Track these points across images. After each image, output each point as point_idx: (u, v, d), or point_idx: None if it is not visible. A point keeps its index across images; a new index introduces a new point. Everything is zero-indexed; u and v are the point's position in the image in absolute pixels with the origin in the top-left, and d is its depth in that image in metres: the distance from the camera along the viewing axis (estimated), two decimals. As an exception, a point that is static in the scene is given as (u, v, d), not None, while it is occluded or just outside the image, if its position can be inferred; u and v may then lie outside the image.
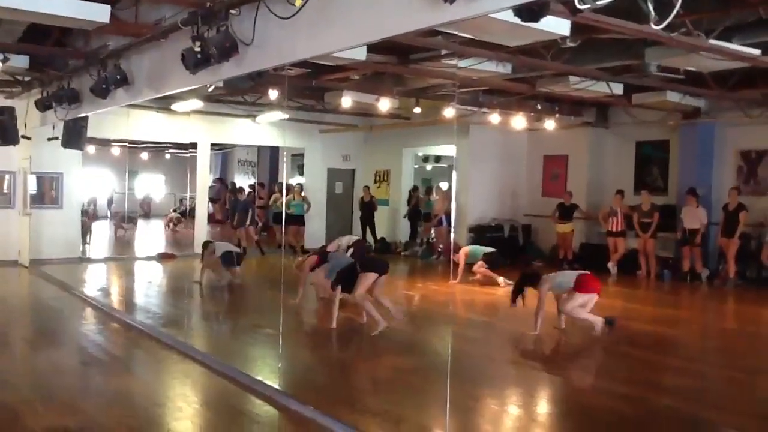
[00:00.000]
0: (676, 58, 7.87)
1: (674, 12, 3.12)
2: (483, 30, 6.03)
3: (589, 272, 8.10)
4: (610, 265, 13.17)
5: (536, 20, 3.87)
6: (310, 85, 10.96)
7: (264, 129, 15.82)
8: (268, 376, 6.03)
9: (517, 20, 4.88)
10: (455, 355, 7.19)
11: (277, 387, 5.65)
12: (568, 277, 7.96)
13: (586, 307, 7.77)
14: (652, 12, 3.11)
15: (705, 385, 6.43)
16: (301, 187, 15.06)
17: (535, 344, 7.85)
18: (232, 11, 5.74)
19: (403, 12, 4.35)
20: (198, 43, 5.82)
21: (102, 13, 6.43)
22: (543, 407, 5.83)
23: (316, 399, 5.26)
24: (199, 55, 5.92)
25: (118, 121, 13.09)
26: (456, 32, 6.34)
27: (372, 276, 7.72)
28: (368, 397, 5.72)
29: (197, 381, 6.18)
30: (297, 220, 14.36)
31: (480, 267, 11.59)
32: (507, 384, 6.37)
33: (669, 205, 13.07)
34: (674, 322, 9.46)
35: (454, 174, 16.20)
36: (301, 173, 19.93)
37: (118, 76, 7.93)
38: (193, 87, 7.34)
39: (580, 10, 3.20)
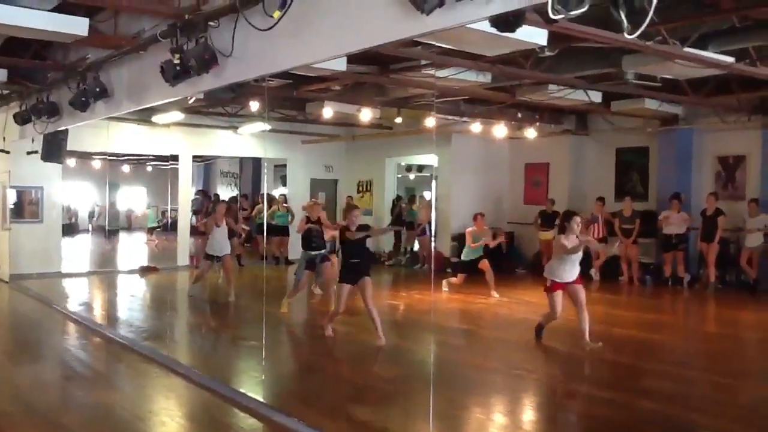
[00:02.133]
0: (653, 66, 7.97)
1: (646, 22, 3.17)
2: (461, 40, 6.08)
3: None
4: (592, 271, 13.26)
5: (512, 30, 3.92)
6: (291, 96, 10.97)
7: (246, 140, 15.80)
8: (252, 388, 6.01)
9: (494, 30, 4.98)
10: (441, 363, 7.21)
11: (260, 399, 5.63)
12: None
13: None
14: (625, 21, 3.15)
15: (688, 388, 6.47)
16: (284, 197, 15.03)
17: (518, 351, 7.88)
18: (210, 23, 5.75)
19: (380, 23, 4.38)
20: (177, 55, 5.82)
21: (80, 26, 6.41)
22: (527, 414, 5.84)
23: (299, 410, 5.25)
24: (178, 67, 5.92)
25: (99, 133, 13.01)
26: (435, 42, 6.39)
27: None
28: (352, 407, 5.69)
29: (180, 394, 6.14)
30: (281, 231, 14.31)
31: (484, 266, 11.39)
32: (491, 391, 6.38)
33: (649, 210, 13.19)
34: (657, 326, 9.53)
35: (433, 183, 16.23)
36: (284, 184, 19.89)
37: (98, 89, 7.90)
38: (173, 99, 7.33)
39: (555, 20, 3.25)
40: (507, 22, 3.87)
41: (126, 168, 21.63)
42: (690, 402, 5.98)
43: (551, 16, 3.03)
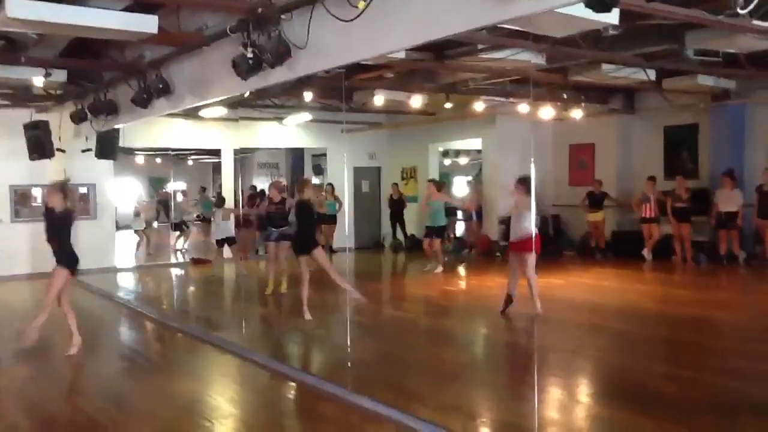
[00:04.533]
0: (717, 41, 7.84)
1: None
2: (531, 22, 6.02)
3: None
4: (644, 251, 13.17)
5: (608, 10, 3.87)
6: (340, 85, 10.97)
7: (288, 131, 15.88)
8: (337, 376, 6.00)
9: (566, 11, 4.97)
10: (513, 346, 7.24)
11: (347, 386, 5.64)
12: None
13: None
14: (741, -4, 3.10)
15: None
16: (332, 187, 15.11)
17: (586, 333, 7.87)
18: (282, 16, 5.78)
19: (465, 9, 4.35)
20: (251, 49, 5.86)
21: (150, 24, 6.47)
22: (610, 394, 5.79)
23: (385, 395, 5.29)
24: (251, 61, 5.96)
25: (149, 129, 13.22)
26: (506, 26, 6.33)
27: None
28: (436, 390, 5.72)
29: (262, 383, 6.22)
30: (329, 219, 14.45)
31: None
32: (566, 373, 6.33)
33: (701, 188, 13.01)
34: (720, 305, 9.41)
35: (483, 166, 16.12)
36: (318, 173, 19.96)
37: (161, 86, 8.00)
38: (240, 93, 7.39)
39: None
40: (603, 2, 3.82)
41: (169, 162, 21.83)
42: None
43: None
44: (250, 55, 5.90)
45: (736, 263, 12.14)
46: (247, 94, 10.12)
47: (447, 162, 23.15)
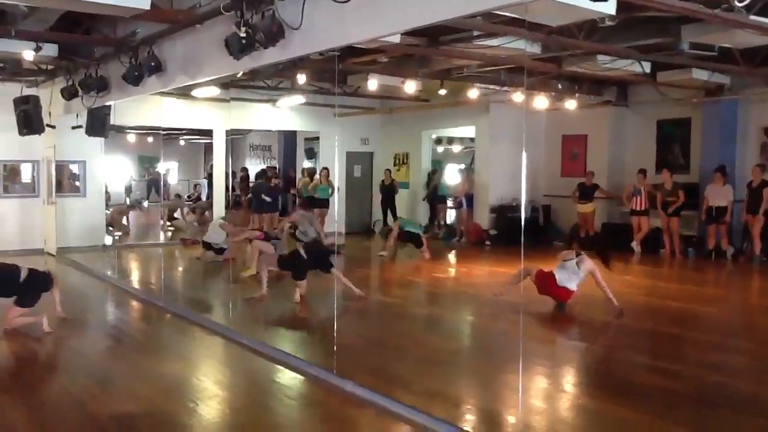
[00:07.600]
0: (713, 35, 7.84)
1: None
2: (528, 9, 6.00)
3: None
4: (633, 243, 13.21)
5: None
6: (333, 68, 10.90)
7: (281, 113, 15.79)
8: (322, 359, 6.01)
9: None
10: (506, 336, 7.24)
11: (332, 370, 5.64)
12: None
13: None
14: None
15: (750, 361, 6.45)
16: (327, 171, 15.07)
17: (563, 322, 7.89)
18: (277, -5, 5.71)
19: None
20: (244, 29, 5.80)
21: (142, 0, 6.40)
22: (592, 383, 5.82)
23: (372, 381, 5.30)
24: (243, 41, 5.90)
25: (140, 107, 13.09)
26: (499, 12, 6.29)
27: None
28: (421, 377, 5.73)
29: (248, 365, 6.21)
30: (322, 204, 14.45)
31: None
32: (550, 362, 6.36)
33: (691, 183, 13.04)
34: (706, 299, 9.47)
35: (475, 154, 16.13)
36: (310, 157, 19.89)
37: (153, 63, 7.92)
38: (232, 73, 7.32)
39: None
40: (602, -8, 3.81)
41: (160, 142, 21.75)
42: (756, 374, 5.97)
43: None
44: (242, 34, 5.83)
45: (723, 258, 12.19)
46: (239, 75, 10.08)
47: (440, 149, 23.11)
